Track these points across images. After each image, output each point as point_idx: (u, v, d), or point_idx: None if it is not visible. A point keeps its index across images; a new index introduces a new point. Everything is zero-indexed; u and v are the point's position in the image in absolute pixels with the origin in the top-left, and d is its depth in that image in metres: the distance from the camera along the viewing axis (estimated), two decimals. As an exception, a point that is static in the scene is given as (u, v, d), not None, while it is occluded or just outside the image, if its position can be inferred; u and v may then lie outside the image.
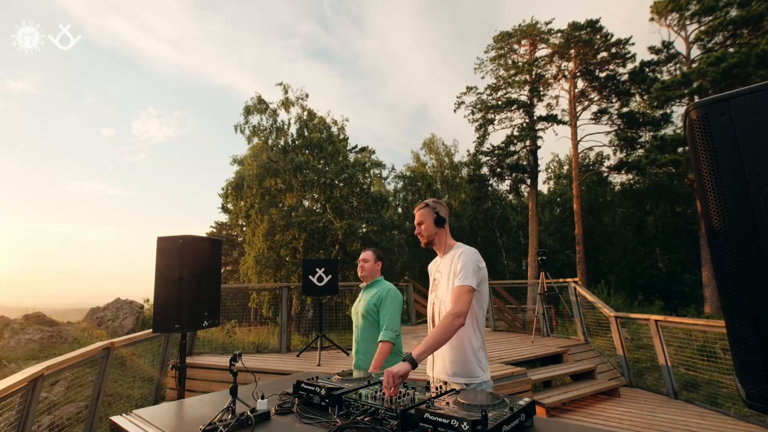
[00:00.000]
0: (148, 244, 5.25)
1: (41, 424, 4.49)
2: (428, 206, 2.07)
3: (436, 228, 2.04)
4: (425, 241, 2.08)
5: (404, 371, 1.53)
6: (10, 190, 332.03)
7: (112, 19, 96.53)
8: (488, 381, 1.91)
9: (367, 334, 2.61)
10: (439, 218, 2.03)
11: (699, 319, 7.61)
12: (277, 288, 8.02)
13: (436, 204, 2.09)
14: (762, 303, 0.76)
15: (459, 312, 1.75)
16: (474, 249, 1.96)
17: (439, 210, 2.06)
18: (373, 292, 2.67)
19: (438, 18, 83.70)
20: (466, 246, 2.01)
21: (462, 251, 1.94)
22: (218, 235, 28.42)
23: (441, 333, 1.73)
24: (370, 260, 2.77)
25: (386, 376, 1.51)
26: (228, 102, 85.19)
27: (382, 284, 2.74)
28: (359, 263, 2.80)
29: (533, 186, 21.58)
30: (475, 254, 1.92)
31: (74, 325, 10.07)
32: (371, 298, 2.65)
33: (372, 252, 2.82)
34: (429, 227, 2.04)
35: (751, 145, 0.78)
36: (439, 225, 2.04)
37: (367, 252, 2.82)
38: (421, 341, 1.73)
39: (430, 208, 2.07)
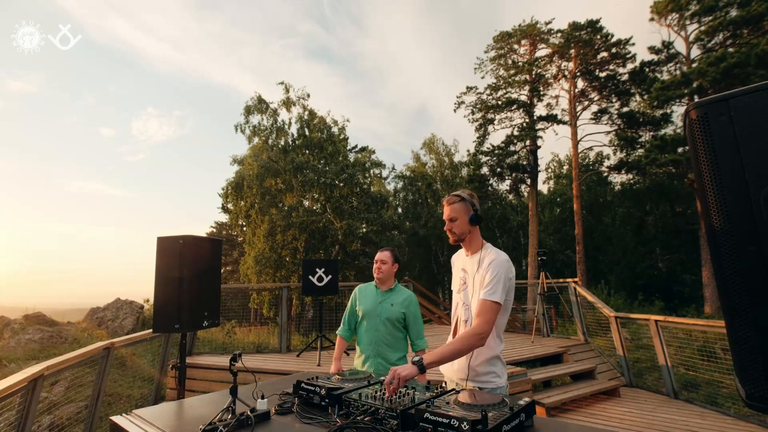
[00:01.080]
0: (148, 244, 5.26)
1: (41, 424, 4.49)
2: (464, 200, 1.87)
3: (471, 226, 1.88)
4: (456, 239, 1.90)
5: (411, 375, 1.52)
6: (10, 190, 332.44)
7: (112, 19, 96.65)
8: (504, 386, 1.86)
9: (388, 339, 2.55)
10: (476, 216, 1.86)
11: (699, 320, 7.61)
12: (277, 288, 8.02)
13: (473, 198, 1.90)
14: (762, 303, 0.76)
15: (483, 332, 1.69)
16: (506, 256, 1.83)
17: (477, 205, 1.88)
18: (399, 299, 2.61)
19: (438, 18, 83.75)
20: (497, 250, 1.87)
21: (494, 259, 1.80)
22: (218, 235, 28.41)
23: (459, 348, 1.68)
24: (389, 262, 2.64)
25: (391, 374, 1.50)
26: (228, 102, 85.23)
27: (403, 290, 2.68)
28: (376, 263, 2.64)
29: (533, 186, 21.58)
30: (507, 263, 1.80)
31: (74, 325, 10.06)
32: (398, 304, 2.58)
33: (390, 253, 2.67)
34: (463, 224, 1.86)
35: (750, 144, 0.78)
36: (475, 223, 1.88)
37: (385, 252, 2.67)
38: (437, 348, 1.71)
39: (467, 202, 1.87)
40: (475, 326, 1.71)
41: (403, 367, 1.54)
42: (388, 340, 2.56)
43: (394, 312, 2.57)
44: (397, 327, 2.58)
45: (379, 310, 2.60)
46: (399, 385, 1.48)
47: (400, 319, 2.58)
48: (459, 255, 2.05)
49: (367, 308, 2.63)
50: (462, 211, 1.87)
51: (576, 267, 19.35)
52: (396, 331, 2.58)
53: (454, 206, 1.88)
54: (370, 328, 2.59)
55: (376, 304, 2.63)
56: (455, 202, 1.88)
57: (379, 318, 2.58)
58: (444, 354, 1.66)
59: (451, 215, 1.88)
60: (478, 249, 1.91)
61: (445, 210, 1.91)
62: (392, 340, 2.56)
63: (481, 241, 1.93)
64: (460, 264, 2.00)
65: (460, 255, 2.04)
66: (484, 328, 1.69)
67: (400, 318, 2.58)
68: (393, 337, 2.56)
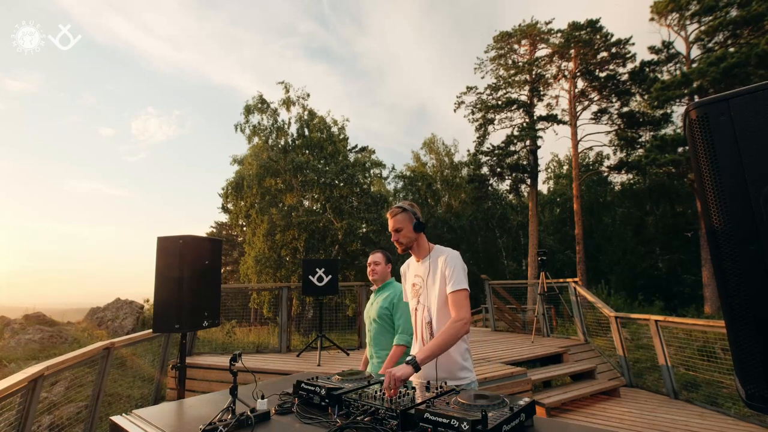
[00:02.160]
0: (148, 244, 5.26)
1: (41, 424, 4.49)
2: (406, 211, 1.94)
3: (416, 234, 1.95)
4: (404, 248, 1.98)
5: (406, 375, 1.54)
6: (10, 190, 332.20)
7: (111, 18, 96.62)
8: (475, 380, 1.93)
9: (381, 339, 2.57)
10: (419, 224, 1.94)
11: (699, 320, 7.61)
12: (277, 288, 8.03)
13: (413, 207, 1.98)
14: (762, 303, 0.76)
15: (466, 318, 1.76)
16: (456, 252, 1.93)
17: (418, 214, 1.97)
18: (385, 295, 2.63)
19: (438, 17, 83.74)
20: (446, 248, 1.96)
21: (447, 255, 1.90)
22: (218, 235, 28.41)
23: (447, 339, 1.72)
24: (381, 263, 2.70)
25: (387, 377, 1.51)
26: (228, 101, 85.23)
27: (393, 286, 2.69)
28: (369, 266, 2.72)
29: (533, 186, 21.58)
30: (459, 257, 1.91)
31: (74, 325, 10.07)
32: (383, 302, 2.60)
33: (382, 254, 2.74)
34: (409, 233, 1.94)
35: (750, 144, 0.78)
36: (419, 230, 1.94)
37: (377, 254, 2.74)
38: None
39: (409, 212, 1.94)
40: (455, 315, 1.77)
41: (398, 368, 1.56)
42: (380, 340, 2.58)
43: (380, 309, 2.60)
44: (385, 325, 2.58)
45: (370, 312, 2.68)
46: (397, 386, 1.49)
47: (384, 316, 2.58)
48: (409, 264, 2.11)
49: (365, 313, 2.76)
50: (405, 221, 1.93)
51: (576, 267, 19.35)
52: (385, 330, 2.58)
53: (397, 217, 1.94)
54: (368, 330, 2.69)
55: (370, 305, 2.72)
56: (398, 213, 1.95)
57: (371, 319, 2.65)
58: (433, 348, 1.69)
59: (395, 226, 1.95)
60: (427, 253, 1.98)
61: (390, 222, 1.97)
62: (383, 339, 2.57)
63: (428, 245, 2.00)
64: (413, 272, 2.06)
65: (410, 264, 2.10)
66: (466, 314, 1.76)
67: (384, 314, 2.58)
68: (383, 335, 2.58)
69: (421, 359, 1.63)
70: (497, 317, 8.67)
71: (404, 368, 1.56)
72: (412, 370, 1.57)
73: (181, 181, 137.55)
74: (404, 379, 1.53)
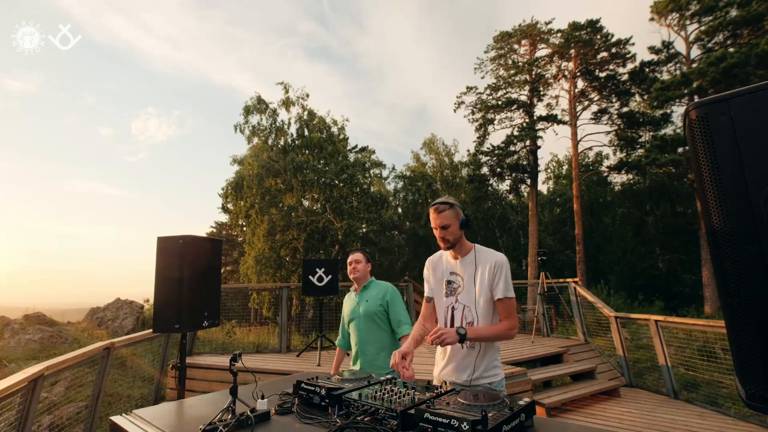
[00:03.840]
0: (148, 244, 5.25)
1: (41, 424, 4.49)
2: (453, 207, 1.90)
3: (461, 231, 1.91)
4: (449, 246, 1.92)
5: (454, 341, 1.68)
6: (10, 190, 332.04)
7: (111, 18, 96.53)
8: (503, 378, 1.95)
9: (371, 337, 2.59)
10: (465, 220, 1.90)
11: (699, 320, 7.61)
12: (277, 288, 8.02)
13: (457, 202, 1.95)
14: (762, 303, 0.76)
15: (516, 326, 1.86)
16: (505, 257, 1.92)
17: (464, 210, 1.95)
18: (374, 293, 2.66)
19: (438, 17, 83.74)
20: (490, 250, 1.95)
21: (497, 260, 1.89)
22: (218, 235, 28.41)
23: (497, 335, 1.84)
24: (362, 261, 2.75)
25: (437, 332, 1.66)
26: (228, 101, 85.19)
27: (380, 284, 2.73)
28: (350, 265, 2.76)
29: (533, 186, 21.58)
30: (508, 263, 1.92)
31: (74, 325, 10.07)
32: (374, 300, 2.63)
33: (362, 253, 2.80)
34: (456, 231, 1.88)
35: (750, 145, 0.78)
36: (465, 227, 1.91)
37: (357, 254, 2.79)
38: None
39: (456, 208, 1.90)
40: (510, 323, 1.85)
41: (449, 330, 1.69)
42: (369, 337, 2.60)
43: (371, 306, 2.62)
44: (377, 322, 2.61)
45: (358, 310, 2.68)
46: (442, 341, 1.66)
47: (378, 313, 2.60)
48: (441, 260, 2.04)
49: (349, 311, 2.75)
50: (453, 218, 1.89)
51: (576, 267, 19.35)
52: (376, 327, 2.60)
53: (444, 214, 1.88)
54: (354, 328, 2.69)
55: (355, 304, 2.73)
56: (445, 209, 1.89)
57: (359, 317, 2.66)
58: (485, 334, 1.81)
59: (443, 223, 1.88)
60: (469, 251, 1.95)
61: (435, 218, 1.90)
62: (373, 337, 2.59)
63: (468, 244, 1.98)
64: (447, 269, 2.00)
65: (443, 260, 2.03)
66: (516, 323, 1.87)
67: (378, 311, 2.60)
68: (373, 333, 2.60)
69: (471, 336, 1.74)
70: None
71: (454, 335, 1.68)
72: (458, 338, 1.69)
73: (181, 181, 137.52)
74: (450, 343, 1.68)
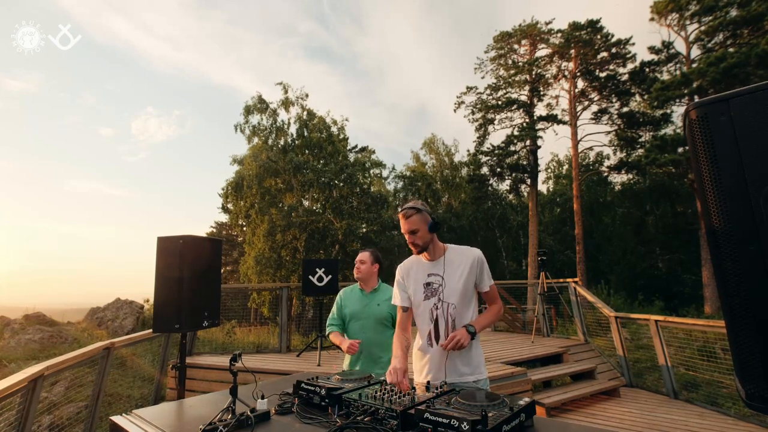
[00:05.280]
0: (148, 244, 5.25)
1: (41, 424, 4.49)
2: (421, 211, 1.91)
3: (431, 234, 1.93)
4: (419, 250, 1.95)
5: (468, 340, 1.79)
6: (10, 190, 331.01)
7: (111, 18, 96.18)
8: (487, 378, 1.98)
9: (380, 339, 2.57)
10: (434, 224, 1.93)
11: (699, 320, 7.61)
12: (277, 288, 8.03)
13: (425, 207, 1.96)
14: (762, 303, 0.76)
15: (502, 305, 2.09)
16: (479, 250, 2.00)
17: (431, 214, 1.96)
18: (385, 298, 2.63)
19: (438, 17, 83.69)
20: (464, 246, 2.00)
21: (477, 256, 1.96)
22: (218, 235, 28.41)
23: (494, 319, 2.03)
24: (367, 262, 2.69)
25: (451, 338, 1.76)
26: (228, 101, 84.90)
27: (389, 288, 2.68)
28: (356, 264, 2.72)
29: (533, 186, 21.58)
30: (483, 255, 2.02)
31: (74, 325, 10.07)
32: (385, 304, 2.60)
33: (369, 253, 2.74)
34: (425, 235, 1.91)
35: (750, 145, 0.78)
36: (434, 231, 1.93)
37: (364, 253, 2.74)
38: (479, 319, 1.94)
39: (424, 212, 1.92)
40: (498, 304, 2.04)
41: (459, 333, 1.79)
42: (378, 340, 2.57)
43: (382, 311, 2.59)
44: (386, 326, 2.59)
45: (366, 312, 2.62)
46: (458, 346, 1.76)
47: (388, 318, 2.59)
48: (415, 264, 2.04)
49: (354, 310, 2.65)
50: (421, 222, 1.90)
51: (576, 267, 19.35)
52: (385, 330, 2.59)
53: (412, 219, 1.90)
54: (359, 330, 2.61)
55: (363, 306, 2.65)
56: (412, 214, 1.90)
57: (367, 320, 2.60)
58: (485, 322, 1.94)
59: (410, 228, 1.90)
60: (443, 251, 2.00)
61: (403, 224, 1.92)
62: (382, 340, 2.57)
63: (441, 245, 2.01)
64: (424, 271, 1.99)
65: (417, 264, 2.03)
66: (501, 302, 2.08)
67: (387, 316, 2.59)
68: (382, 336, 2.58)
69: (479, 328, 1.86)
70: (497, 317, 8.66)
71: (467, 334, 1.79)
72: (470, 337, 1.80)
73: (181, 181, 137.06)
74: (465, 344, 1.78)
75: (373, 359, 2.57)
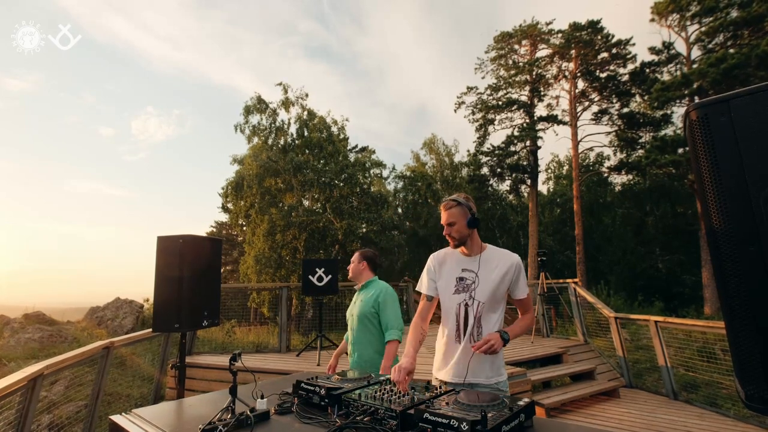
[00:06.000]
0: (148, 244, 5.25)
1: (41, 423, 4.49)
2: (461, 204, 1.89)
3: (469, 229, 1.90)
4: (456, 244, 1.93)
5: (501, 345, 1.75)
6: (10, 190, 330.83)
7: (111, 18, 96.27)
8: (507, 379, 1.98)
9: (362, 337, 2.59)
10: (474, 219, 1.89)
11: (699, 320, 7.60)
12: (276, 288, 8.02)
13: (469, 201, 1.92)
14: (762, 304, 0.76)
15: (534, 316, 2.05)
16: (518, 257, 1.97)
17: (473, 209, 1.91)
18: (369, 294, 2.65)
19: (438, 17, 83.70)
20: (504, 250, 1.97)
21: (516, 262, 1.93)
22: (218, 234, 28.41)
23: (527, 326, 1.98)
24: (354, 261, 2.78)
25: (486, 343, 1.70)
26: (228, 101, 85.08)
27: (376, 284, 2.71)
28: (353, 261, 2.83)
29: (533, 186, 21.58)
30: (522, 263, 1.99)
31: (74, 324, 10.07)
32: (367, 300, 2.62)
33: (358, 253, 2.82)
34: (462, 228, 1.88)
35: (751, 146, 0.78)
36: (474, 226, 1.89)
37: (355, 254, 2.84)
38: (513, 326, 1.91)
39: (464, 206, 1.89)
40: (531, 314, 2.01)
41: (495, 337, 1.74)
42: (363, 338, 2.58)
43: (365, 307, 2.61)
44: (370, 323, 2.58)
45: (353, 310, 2.70)
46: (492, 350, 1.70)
47: (370, 314, 2.58)
48: (451, 256, 2.00)
49: (349, 311, 2.77)
50: (460, 215, 1.89)
51: (576, 267, 19.35)
52: (370, 327, 2.58)
53: (451, 211, 1.90)
54: (350, 328, 2.70)
55: (353, 304, 2.75)
56: (452, 206, 1.90)
57: (353, 317, 2.66)
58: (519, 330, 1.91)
59: (449, 220, 1.90)
60: (482, 249, 1.96)
61: (443, 215, 1.93)
62: (367, 337, 2.58)
63: (480, 242, 1.97)
64: (458, 265, 1.96)
65: (453, 257, 2.00)
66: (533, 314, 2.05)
67: (369, 312, 2.58)
68: (367, 333, 2.59)
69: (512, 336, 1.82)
70: (497, 317, 8.66)
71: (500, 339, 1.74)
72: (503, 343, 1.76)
73: (181, 181, 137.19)
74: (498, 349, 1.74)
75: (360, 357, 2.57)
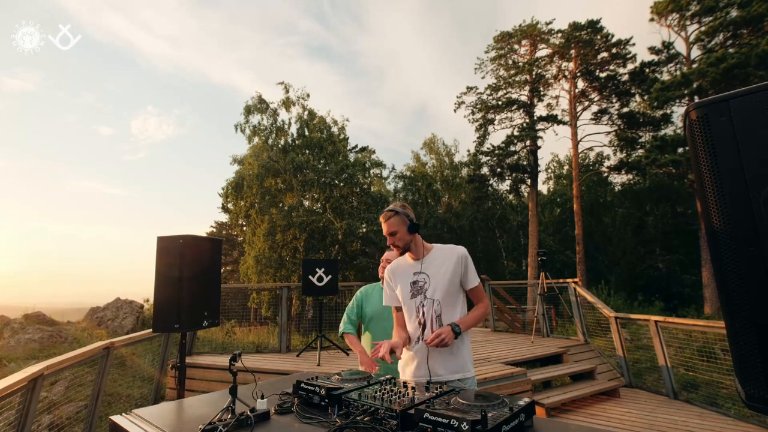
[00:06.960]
0: (148, 244, 5.24)
1: (41, 423, 4.49)
2: (399, 213, 1.97)
3: (411, 235, 1.98)
4: (401, 251, 2.02)
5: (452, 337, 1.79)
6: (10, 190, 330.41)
7: (111, 17, 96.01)
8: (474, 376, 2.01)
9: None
10: (413, 225, 1.97)
11: (699, 320, 7.61)
12: (277, 288, 8.03)
13: (406, 209, 2.01)
14: (762, 304, 0.76)
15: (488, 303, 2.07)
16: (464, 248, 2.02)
17: (411, 215, 2.00)
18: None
19: (438, 17, 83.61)
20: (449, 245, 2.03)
21: (461, 253, 1.98)
22: (218, 235, 28.42)
23: (480, 317, 1.99)
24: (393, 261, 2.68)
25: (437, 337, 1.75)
26: (228, 101, 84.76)
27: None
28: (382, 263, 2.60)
29: (533, 186, 21.58)
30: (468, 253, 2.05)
31: (74, 324, 10.07)
32: None
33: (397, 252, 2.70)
34: (404, 236, 1.97)
35: (750, 145, 0.78)
36: (414, 231, 1.98)
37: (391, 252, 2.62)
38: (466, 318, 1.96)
39: (401, 215, 1.98)
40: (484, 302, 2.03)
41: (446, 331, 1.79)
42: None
43: None
44: None
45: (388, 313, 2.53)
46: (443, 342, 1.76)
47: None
48: (402, 264, 2.08)
49: (376, 311, 2.59)
50: (400, 224, 1.97)
51: (576, 267, 19.36)
52: None
53: (390, 221, 1.97)
54: (381, 331, 2.54)
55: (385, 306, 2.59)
56: (391, 216, 1.98)
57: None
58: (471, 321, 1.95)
59: (390, 230, 1.98)
60: (429, 250, 2.05)
61: (384, 226, 2.00)
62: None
63: (425, 244, 2.06)
64: (409, 270, 2.04)
65: (403, 264, 2.07)
66: (488, 301, 2.08)
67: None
68: None
69: (464, 328, 1.87)
70: (497, 317, 8.67)
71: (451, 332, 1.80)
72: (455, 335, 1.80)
73: (181, 180, 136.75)
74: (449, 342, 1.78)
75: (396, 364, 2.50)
